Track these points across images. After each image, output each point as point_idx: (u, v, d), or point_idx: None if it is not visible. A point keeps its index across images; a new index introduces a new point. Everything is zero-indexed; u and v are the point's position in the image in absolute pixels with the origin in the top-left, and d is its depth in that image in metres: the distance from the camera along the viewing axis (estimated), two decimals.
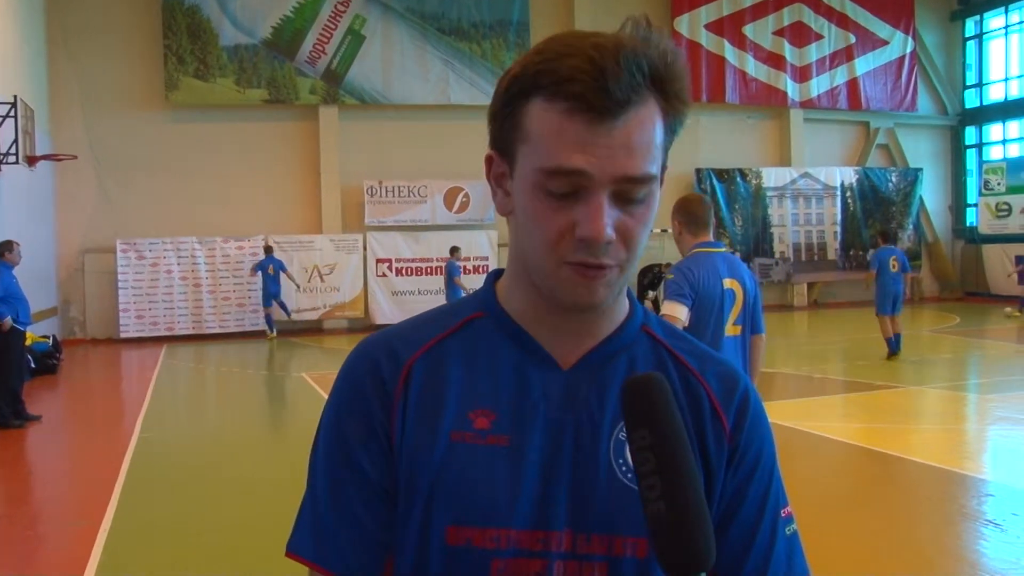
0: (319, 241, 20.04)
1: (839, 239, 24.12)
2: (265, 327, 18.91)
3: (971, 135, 26.01)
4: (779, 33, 23.59)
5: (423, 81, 20.92)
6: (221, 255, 19.47)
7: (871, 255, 14.38)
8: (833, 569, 4.73)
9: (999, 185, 23.73)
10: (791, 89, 23.65)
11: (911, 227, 24.59)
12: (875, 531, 5.56)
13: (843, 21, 24.18)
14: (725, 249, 4.59)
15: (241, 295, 19.46)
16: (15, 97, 13.48)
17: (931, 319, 19.54)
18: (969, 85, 25.84)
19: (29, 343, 11.88)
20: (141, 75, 19.46)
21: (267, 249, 18.94)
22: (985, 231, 24.16)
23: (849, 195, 24.25)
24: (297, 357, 16.38)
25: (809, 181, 23.88)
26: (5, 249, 9.54)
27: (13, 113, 13.27)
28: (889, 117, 24.90)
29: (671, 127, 1.03)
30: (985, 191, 24.14)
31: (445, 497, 1.04)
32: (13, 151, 13.39)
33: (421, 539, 1.05)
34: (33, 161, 14.86)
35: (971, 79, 25.83)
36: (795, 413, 9.10)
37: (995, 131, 25.51)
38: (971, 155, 25.94)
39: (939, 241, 25.57)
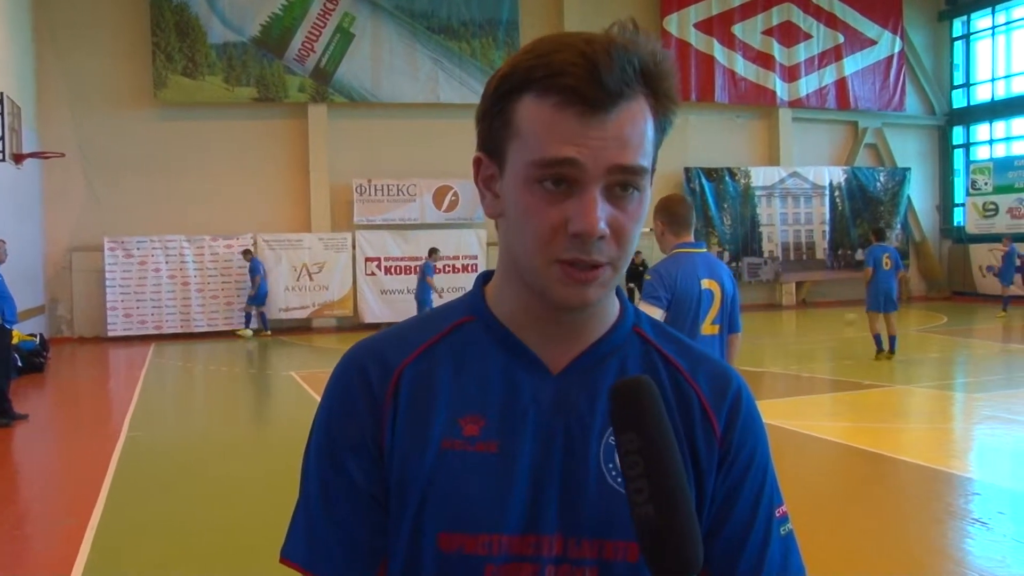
0: (308, 240, 20.00)
1: (827, 238, 24.21)
2: (256, 325, 18.96)
3: (958, 135, 26.14)
4: (768, 33, 23.66)
5: (412, 80, 20.89)
6: (210, 253, 19.41)
7: (864, 253, 14.43)
8: (820, 568, 4.74)
9: (986, 185, 23.86)
10: (780, 88, 23.71)
11: (899, 227, 24.69)
12: (862, 530, 5.58)
13: (832, 21, 24.27)
14: (705, 250, 4.70)
15: (230, 294, 19.41)
16: (1, 94, 13.41)
17: (918, 318, 19.62)
18: (956, 85, 25.97)
19: (16, 341, 11.82)
20: (129, 73, 19.37)
21: (247, 253, 19.05)
22: (972, 231, 24.29)
23: (837, 194, 24.34)
24: (286, 356, 16.34)
25: (798, 180, 23.95)
26: None
27: (0, 110, 13.20)
28: (877, 117, 25.00)
29: (661, 125, 1.03)
30: (972, 191, 24.27)
31: (436, 504, 1.04)
32: (0, 148, 13.31)
33: (413, 546, 1.05)
34: (20, 159, 14.78)
35: (958, 79, 25.96)
36: (783, 412, 9.12)
37: (982, 131, 25.65)
38: (958, 155, 26.08)
39: (927, 240, 25.69)
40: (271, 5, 20.08)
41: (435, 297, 16.45)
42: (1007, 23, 24.61)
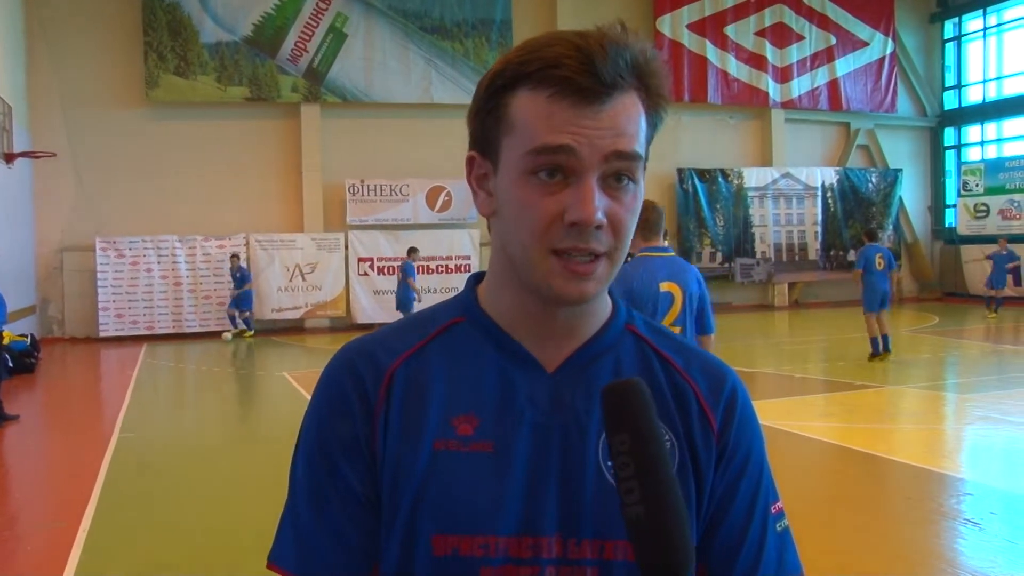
0: (301, 240, 19.96)
1: (820, 239, 24.25)
2: (242, 325, 18.93)
3: (950, 136, 26.22)
4: (760, 34, 23.70)
5: (405, 80, 20.87)
6: (202, 254, 19.36)
7: (857, 253, 14.46)
8: (812, 568, 4.74)
9: (977, 186, 23.93)
10: (772, 89, 23.75)
11: (891, 227, 24.75)
12: (854, 530, 5.59)
13: (824, 22, 24.32)
14: (673, 254, 4.89)
15: (222, 294, 19.35)
16: None
17: (910, 319, 19.67)
18: (948, 87, 26.05)
19: (7, 342, 11.77)
20: (121, 72, 19.30)
21: (235, 258, 19.01)
22: (964, 232, 24.35)
23: (830, 195, 24.39)
24: (278, 356, 16.30)
25: (790, 181, 24.00)
26: None
27: None
28: (869, 118, 25.06)
29: (652, 121, 1.03)
30: (964, 192, 24.33)
31: (429, 506, 1.03)
32: None
33: (406, 549, 1.04)
34: (11, 158, 14.73)
35: (950, 81, 26.04)
36: (776, 412, 9.14)
37: (973, 133, 25.73)
38: (950, 156, 26.16)
39: (918, 241, 25.76)
40: (263, 4, 20.03)
41: (416, 303, 16.13)
42: (998, 25, 24.69)
